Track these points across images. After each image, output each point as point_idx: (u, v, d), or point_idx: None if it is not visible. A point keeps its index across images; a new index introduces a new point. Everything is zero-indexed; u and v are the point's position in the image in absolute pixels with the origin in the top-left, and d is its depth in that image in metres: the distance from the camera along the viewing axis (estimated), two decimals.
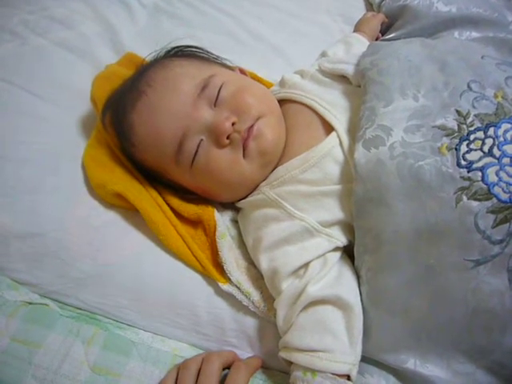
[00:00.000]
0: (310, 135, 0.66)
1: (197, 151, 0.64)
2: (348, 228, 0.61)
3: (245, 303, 0.64)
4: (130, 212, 0.70)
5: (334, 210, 0.61)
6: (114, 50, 0.91)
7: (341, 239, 0.61)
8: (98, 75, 0.79)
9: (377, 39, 0.95)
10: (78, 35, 0.91)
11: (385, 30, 0.97)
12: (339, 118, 0.64)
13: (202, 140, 0.64)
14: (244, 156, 0.64)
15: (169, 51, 0.75)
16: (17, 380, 0.57)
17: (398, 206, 0.54)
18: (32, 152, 0.74)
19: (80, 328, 0.63)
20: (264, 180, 0.67)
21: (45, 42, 0.89)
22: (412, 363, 0.58)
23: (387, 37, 0.94)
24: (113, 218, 0.71)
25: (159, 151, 0.66)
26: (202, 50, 0.76)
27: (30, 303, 0.64)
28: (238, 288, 0.65)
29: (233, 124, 0.62)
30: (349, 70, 0.68)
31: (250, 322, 0.65)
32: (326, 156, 0.62)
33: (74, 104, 0.81)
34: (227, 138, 0.62)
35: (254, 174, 0.65)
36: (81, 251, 0.67)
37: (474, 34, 0.86)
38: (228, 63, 0.77)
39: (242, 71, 0.77)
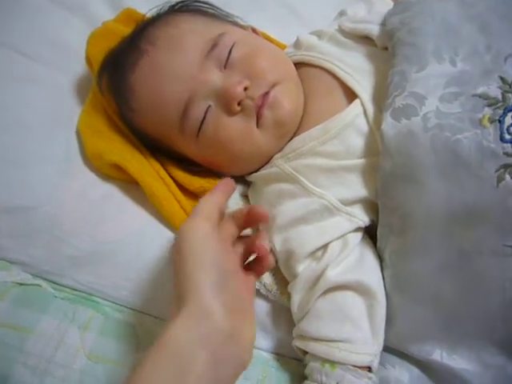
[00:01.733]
0: (330, 103, 0.61)
1: (204, 118, 0.59)
2: (371, 207, 0.57)
3: (256, 286, 0.59)
4: (130, 185, 0.66)
5: (356, 187, 0.56)
6: (110, 5, 0.85)
7: (363, 219, 0.57)
8: (94, 32, 0.74)
9: None
10: None
11: None
12: (363, 83, 0.59)
13: (209, 106, 0.58)
14: (258, 125, 0.58)
15: (173, 6, 0.69)
16: (6, 369, 0.53)
17: (430, 183, 0.50)
18: (22, 118, 0.69)
19: (76, 311, 0.59)
20: (279, 151, 0.62)
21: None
22: (438, 354, 0.55)
23: None
24: (111, 191, 0.67)
25: (162, 117, 0.61)
26: (210, 5, 0.70)
27: (22, 284, 0.60)
28: None
29: (245, 89, 0.57)
30: (374, 30, 0.62)
31: (262, 307, 0.61)
32: (349, 126, 0.57)
33: (67, 65, 0.76)
34: (238, 104, 0.57)
35: (268, 145, 0.60)
36: (76, 227, 0.63)
37: None
38: (239, 21, 0.71)
39: (255, 31, 0.71)
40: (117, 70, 0.64)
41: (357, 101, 0.58)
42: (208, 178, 0.65)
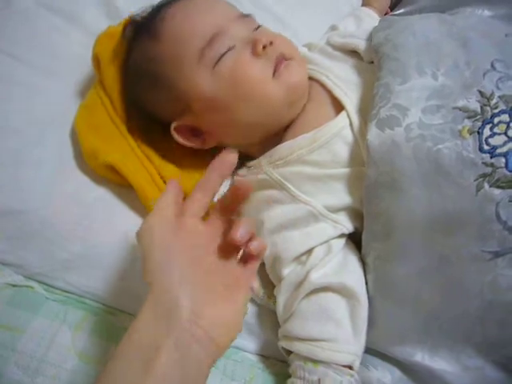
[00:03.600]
0: (318, 112, 0.63)
1: (226, 52, 0.60)
2: (355, 214, 0.59)
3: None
4: (123, 188, 0.66)
5: (341, 195, 0.58)
6: (106, 13, 0.85)
7: (347, 226, 0.58)
8: (101, 34, 0.74)
9: (385, 14, 0.90)
10: None
11: (394, 4, 0.92)
12: (350, 95, 0.61)
13: (234, 46, 0.60)
14: (274, 75, 0.60)
15: None
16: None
17: (413, 191, 0.51)
18: (16, 121, 0.69)
19: (67, 312, 0.59)
20: (267, 157, 0.63)
21: (30, 4, 0.82)
22: (420, 356, 0.56)
23: (396, 12, 0.89)
24: (104, 193, 0.67)
25: (186, 41, 0.61)
26: None
27: (14, 285, 0.60)
28: None
29: (270, 43, 0.60)
30: (361, 44, 0.65)
31: (249, 310, 0.61)
32: (336, 136, 0.59)
33: (62, 71, 0.76)
34: (263, 48, 0.60)
35: (277, 101, 0.61)
36: (69, 230, 0.63)
37: (487, 13, 0.83)
38: None
39: None
40: (151, 11, 0.67)
41: (343, 113, 0.60)
42: None
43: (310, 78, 0.65)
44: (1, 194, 0.63)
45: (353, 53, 0.66)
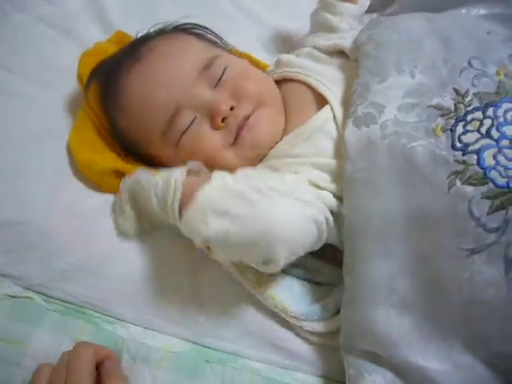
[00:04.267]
0: (304, 112, 0.64)
1: (188, 128, 0.62)
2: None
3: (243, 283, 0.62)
4: None
5: (325, 178, 0.59)
6: (101, 27, 0.87)
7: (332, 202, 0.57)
8: (86, 52, 0.76)
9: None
10: (62, 11, 0.86)
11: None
12: (334, 90, 0.62)
13: (196, 117, 0.62)
14: (234, 143, 0.61)
15: (176, 27, 0.73)
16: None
17: (388, 188, 0.52)
18: (13, 133, 0.71)
19: (66, 323, 0.60)
20: None
21: (27, 18, 0.84)
22: (413, 357, 0.54)
23: (388, 11, 0.89)
24: (101, 204, 0.68)
25: (148, 120, 0.63)
26: (208, 30, 0.74)
27: (13, 296, 0.61)
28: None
29: (231, 109, 0.60)
30: (346, 43, 0.66)
31: (249, 316, 0.62)
32: (318, 130, 0.60)
33: (58, 83, 0.77)
34: (222, 121, 0.60)
35: (238, 165, 0.61)
36: (67, 241, 0.64)
37: (483, 11, 0.83)
38: (234, 49, 0.76)
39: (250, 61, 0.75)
40: (112, 72, 0.67)
41: (327, 106, 0.61)
42: None
43: (299, 82, 0.66)
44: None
45: (339, 53, 0.67)
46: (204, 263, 0.63)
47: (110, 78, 0.67)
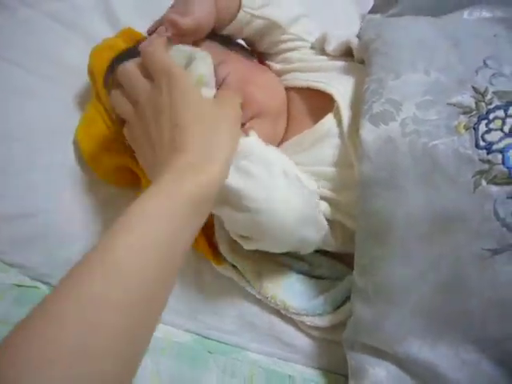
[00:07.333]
0: (308, 116, 0.64)
1: None
2: (336, 207, 0.59)
3: (242, 284, 0.63)
4: (125, 191, 0.69)
5: (323, 186, 0.59)
6: (108, 23, 0.87)
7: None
8: (96, 47, 0.76)
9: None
10: (70, 7, 0.86)
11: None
12: (342, 92, 0.61)
13: None
14: None
15: None
16: None
17: (409, 188, 0.51)
18: (21, 129, 0.71)
19: None
20: None
21: (35, 13, 0.84)
22: (419, 351, 0.54)
23: (389, 12, 0.86)
24: (107, 197, 0.69)
25: None
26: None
27: (20, 285, 0.61)
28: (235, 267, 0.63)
29: None
30: (353, 41, 0.65)
31: (250, 309, 0.63)
32: (322, 139, 0.60)
33: (65, 79, 0.78)
34: None
35: None
36: (73, 232, 0.65)
37: (485, 14, 0.82)
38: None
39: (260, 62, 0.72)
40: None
41: (329, 115, 0.60)
42: None
43: (306, 89, 0.64)
44: (8, 200, 0.65)
45: (345, 56, 0.67)
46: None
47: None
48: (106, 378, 0.35)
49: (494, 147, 0.48)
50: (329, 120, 0.60)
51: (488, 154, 0.48)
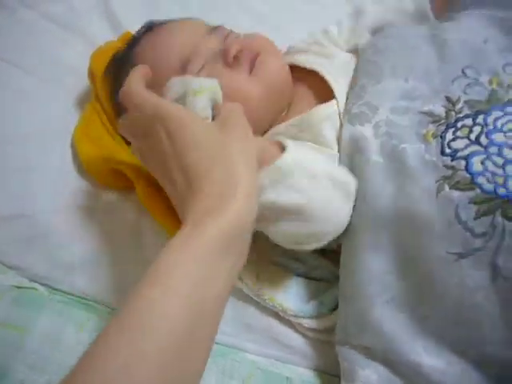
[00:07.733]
0: (311, 97, 0.66)
1: (199, 72, 0.63)
2: None
3: (239, 286, 0.63)
4: (123, 192, 0.69)
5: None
6: (107, 25, 0.88)
7: None
8: (97, 50, 0.77)
9: None
10: (68, 8, 0.88)
11: None
12: (340, 83, 0.63)
13: (206, 62, 0.63)
14: (251, 73, 0.63)
15: None
16: (4, 367, 0.54)
17: (378, 183, 0.53)
18: (20, 130, 0.72)
19: (71, 312, 0.61)
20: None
21: (34, 14, 0.86)
22: (407, 353, 0.53)
23: None
24: (106, 199, 0.69)
25: (162, 72, 0.60)
26: None
27: (19, 287, 0.62)
28: None
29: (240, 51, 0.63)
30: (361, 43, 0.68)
31: (248, 310, 0.64)
32: (324, 121, 0.61)
33: (64, 80, 0.79)
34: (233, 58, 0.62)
35: (260, 94, 0.63)
36: (72, 234, 0.65)
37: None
38: None
39: None
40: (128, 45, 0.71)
41: (334, 100, 0.62)
42: None
43: (306, 70, 0.67)
44: (6, 201, 0.66)
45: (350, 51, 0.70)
46: None
47: (125, 52, 0.70)
48: None
49: (459, 154, 0.50)
50: (334, 104, 0.62)
51: (452, 160, 0.50)
